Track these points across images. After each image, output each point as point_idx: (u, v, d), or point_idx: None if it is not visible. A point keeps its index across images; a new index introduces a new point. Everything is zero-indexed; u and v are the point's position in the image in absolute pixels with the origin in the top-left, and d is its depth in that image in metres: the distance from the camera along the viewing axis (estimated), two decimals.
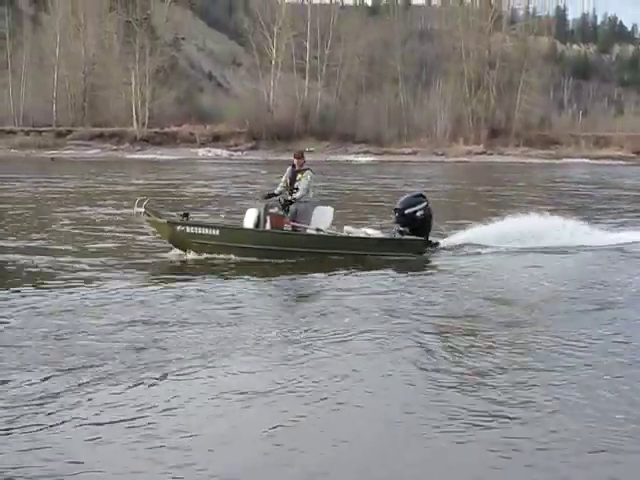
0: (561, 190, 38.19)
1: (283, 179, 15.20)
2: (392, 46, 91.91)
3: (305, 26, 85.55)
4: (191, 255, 14.34)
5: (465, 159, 74.42)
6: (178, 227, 14.25)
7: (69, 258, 14.37)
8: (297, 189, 14.92)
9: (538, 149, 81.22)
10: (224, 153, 74.21)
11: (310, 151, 58.77)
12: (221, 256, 14.25)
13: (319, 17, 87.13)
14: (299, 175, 15.00)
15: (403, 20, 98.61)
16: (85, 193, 30.88)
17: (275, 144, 75.76)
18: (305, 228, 14.85)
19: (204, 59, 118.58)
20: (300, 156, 15.25)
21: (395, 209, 15.71)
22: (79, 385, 7.23)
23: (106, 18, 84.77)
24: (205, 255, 14.32)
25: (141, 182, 38.20)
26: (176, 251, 14.57)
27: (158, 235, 14.91)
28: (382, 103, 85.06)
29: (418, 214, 15.23)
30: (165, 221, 14.43)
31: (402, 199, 15.83)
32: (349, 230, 15.61)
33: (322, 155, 72.98)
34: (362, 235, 15.47)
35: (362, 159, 72.40)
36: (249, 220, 14.55)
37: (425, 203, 15.46)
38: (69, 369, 7.69)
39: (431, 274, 13.95)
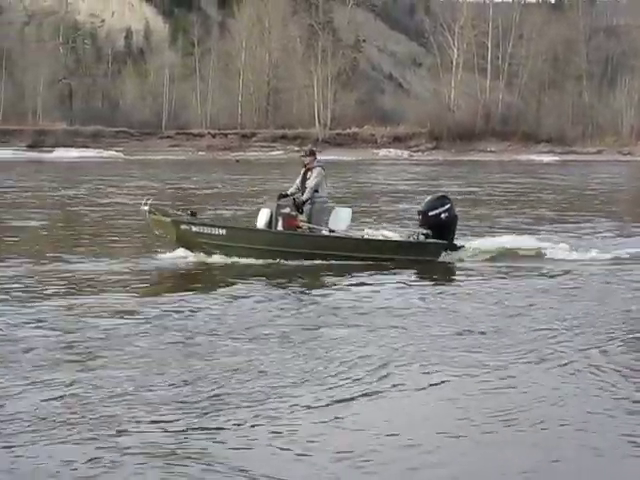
0: None
1: (297, 180, 14.52)
2: (576, 43, 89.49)
3: (486, 25, 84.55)
4: (193, 257, 13.82)
5: None
6: (183, 226, 13.73)
7: None
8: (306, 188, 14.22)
9: None
10: (404, 154, 74.37)
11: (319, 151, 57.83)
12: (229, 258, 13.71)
13: (501, 15, 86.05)
14: (309, 173, 14.28)
15: (588, 16, 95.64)
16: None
17: (456, 144, 75.38)
18: (319, 229, 14.17)
19: (385, 60, 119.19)
20: (309, 154, 14.55)
21: (419, 211, 14.96)
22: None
23: (289, 22, 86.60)
24: (209, 257, 13.79)
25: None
26: (176, 253, 14.05)
27: (163, 235, 14.30)
28: (565, 101, 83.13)
29: (443, 216, 14.51)
30: (170, 220, 13.88)
31: (426, 201, 15.09)
32: (369, 233, 14.92)
33: (504, 155, 72.08)
34: (379, 238, 14.76)
35: (545, 158, 70.93)
36: (261, 220, 13.98)
37: (449, 205, 14.70)
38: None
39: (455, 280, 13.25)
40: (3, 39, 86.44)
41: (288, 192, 14.29)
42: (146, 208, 13.69)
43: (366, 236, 14.72)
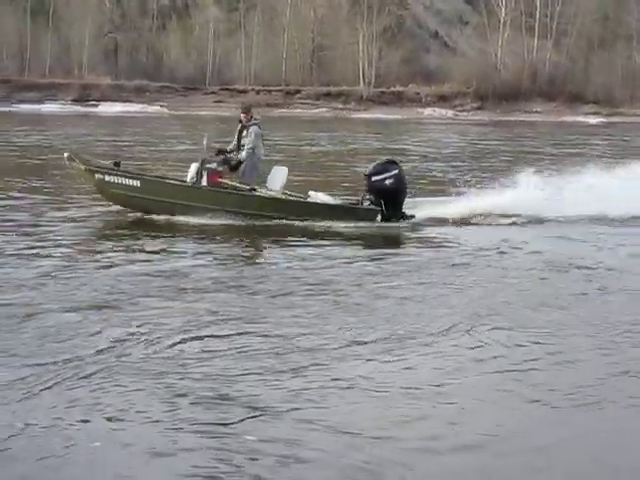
0: None
1: (235, 137, 14.09)
2: (627, 2, 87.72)
3: None
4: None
5: None
6: (97, 175, 13.40)
7: None
8: (244, 146, 13.79)
9: None
10: (449, 113, 73.86)
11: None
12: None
13: None
14: (245, 132, 13.81)
15: None
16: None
17: (501, 104, 74.67)
18: (245, 188, 13.68)
19: (431, 18, 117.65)
20: (246, 111, 14.08)
21: (364, 175, 14.16)
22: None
23: None
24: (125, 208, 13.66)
25: (368, 141, 38.80)
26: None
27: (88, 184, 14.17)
28: (615, 62, 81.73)
29: (387, 182, 13.67)
30: (83, 168, 13.56)
31: (372, 165, 14.22)
32: (311, 195, 14.19)
33: (550, 116, 71.26)
34: (300, 199, 14.09)
35: (591, 120, 69.99)
36: (189, 174, 13.61)
37: (396, 171, 13.83)
38: None
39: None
40: None
41: (227, 149, 13.95)
42: (65, 155, 13.64)
43: (310, 199, 14.10)
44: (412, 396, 6.00)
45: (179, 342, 6.95)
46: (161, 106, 71.83)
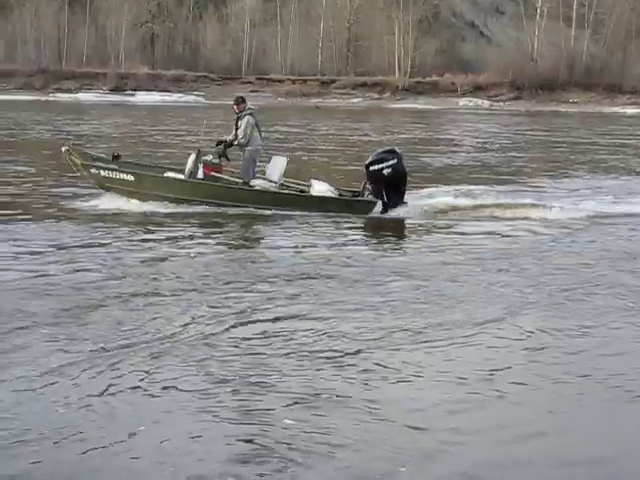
0: None
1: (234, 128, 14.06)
2: None
3: None
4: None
5: None
6: (92, 170, 13.54)
7: None
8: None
9: None
10: (485, 103, 73.55)
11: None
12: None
13: None
14: (239, 122, 13.78)
15: None
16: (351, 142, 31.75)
17: (538, 95, 74.27)
18: (241, 180, 13.70)
19: (467, 8, 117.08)
20: (238, 102, 14.05)
21: (365, 165, 13.96)
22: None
23: None
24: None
25: (403, 131, 38.78)
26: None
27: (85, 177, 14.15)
28: None
29: (385, 172, 13.52)
30: (80, 163, 13.62)
31: (372, 154, 14.07)
32: (312, 183, 14.08)
33: (587, 106, 70.78)
34: (292, 192, 13.98)
35: (629, 110, 69.36)
36: (187, 166, 13.63)
37: (395, 160, 13.66)
38: None
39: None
40: None
41: (227, 139, 13.89)
42: (63, 149, 13.77)
43: (312, 190, 13.96)
44: (463, 384, 6.07)
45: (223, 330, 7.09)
46: (198, 95, 72.17)
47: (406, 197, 14.05)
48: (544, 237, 12.00)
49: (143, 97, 69.06)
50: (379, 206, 13.77)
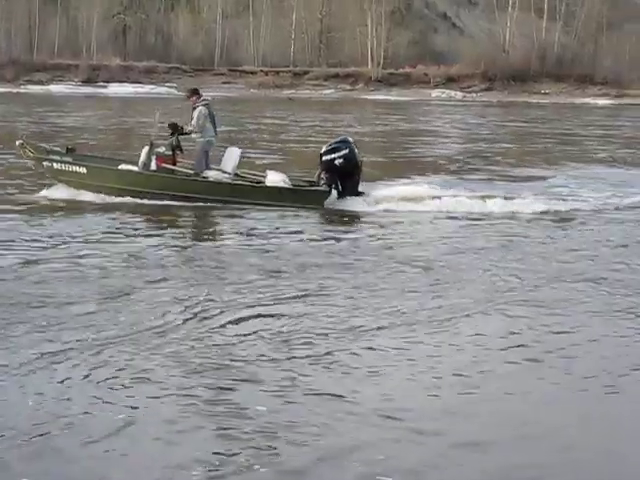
0: None
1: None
2: None
3: None
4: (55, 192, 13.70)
5: None
6: (45, 163, 13.76)
7: None
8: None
9: None
10: (458, 94, 73.73)
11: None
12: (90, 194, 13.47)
13: None
14: (193, 113, 13.88)
15: None
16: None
17: (510, 86, 74.57)
18: (193, 171, 13.78)
19: None
20: (190, 94, 14.27)
21: (319, 154, 14.09)
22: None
23: None
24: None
25: (376, 122, 38.92)
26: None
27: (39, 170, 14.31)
28: (623, 44, 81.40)
29: (337, 162, 13.66)
30: (32, 156, 13.88)
31: (327, 144, 14.20)
32: (268, 173, 14.11)
33: (559, 97, 71.16)
34: (244, 182, 14.06)
35: (600, 102, 69.83)
36: (140, 158, 13.70)
37: (347, 150, 13.78)
38: None
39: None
40: None
41: (185, 128, 13.87)
42: (18, 143, 13.91)
43: (267, 181, 13.94)
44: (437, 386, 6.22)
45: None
46: (170, 87, 71.85)
47: (363, 187, 14.16)
48: (515, 228, 12.15)
49: (115, 89, 68.64)
50: (334, 196, 13.82)
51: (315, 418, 5.24)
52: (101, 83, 71.94)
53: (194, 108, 13.91)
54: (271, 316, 7.28)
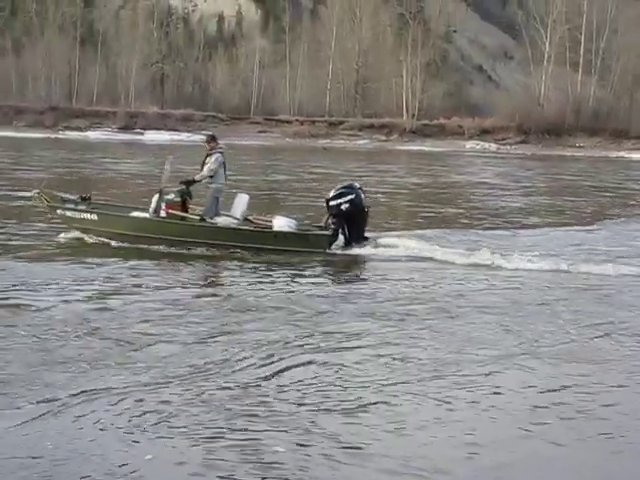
0: None
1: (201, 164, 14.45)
2: None
3: (580, 18, 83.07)
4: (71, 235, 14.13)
5: None
6: (59, 211, 14.19)
7: None
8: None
9: None
10: (492, 146, 73.83)
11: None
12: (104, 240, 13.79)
13: (595, 9, 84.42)
14: (208, 158, 14.13)
15: None
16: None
17: (545, 139, 74.58)
18: (201, 217, 13.90)
19: (475, 52, 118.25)
20: (208, 140, 14.39)
21: (325, 199, 14.31)
22: None
23: (380, 11, 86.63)
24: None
25: (411, 173, 38.98)
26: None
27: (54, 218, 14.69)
28: None
29: (343, 207, 13.82)
30: (46, 205, 14.33)
31: (334, 189, 14.32)
32: (276, 218, 14.29)
33: (593, 151, 71.00)
34: (248, 227, 14.13)
35: (635, 156, 69.55)
36: (151, 206, 13.89)
37: (353, 195, 13.95)
38: None
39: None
40: (99, 22, 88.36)
41: (194, 178, 14.11)
42: (30, 193, 14.45)
43: (276, 227, 14.06)
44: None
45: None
46: (206, 134, 72.46)
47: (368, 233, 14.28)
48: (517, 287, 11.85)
49: (152, 136, 69.52)
50: (340, 241, 13.99)
51: None
52: (138, 130, 72.86)
53: (209, 155, 14.16)
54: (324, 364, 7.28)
